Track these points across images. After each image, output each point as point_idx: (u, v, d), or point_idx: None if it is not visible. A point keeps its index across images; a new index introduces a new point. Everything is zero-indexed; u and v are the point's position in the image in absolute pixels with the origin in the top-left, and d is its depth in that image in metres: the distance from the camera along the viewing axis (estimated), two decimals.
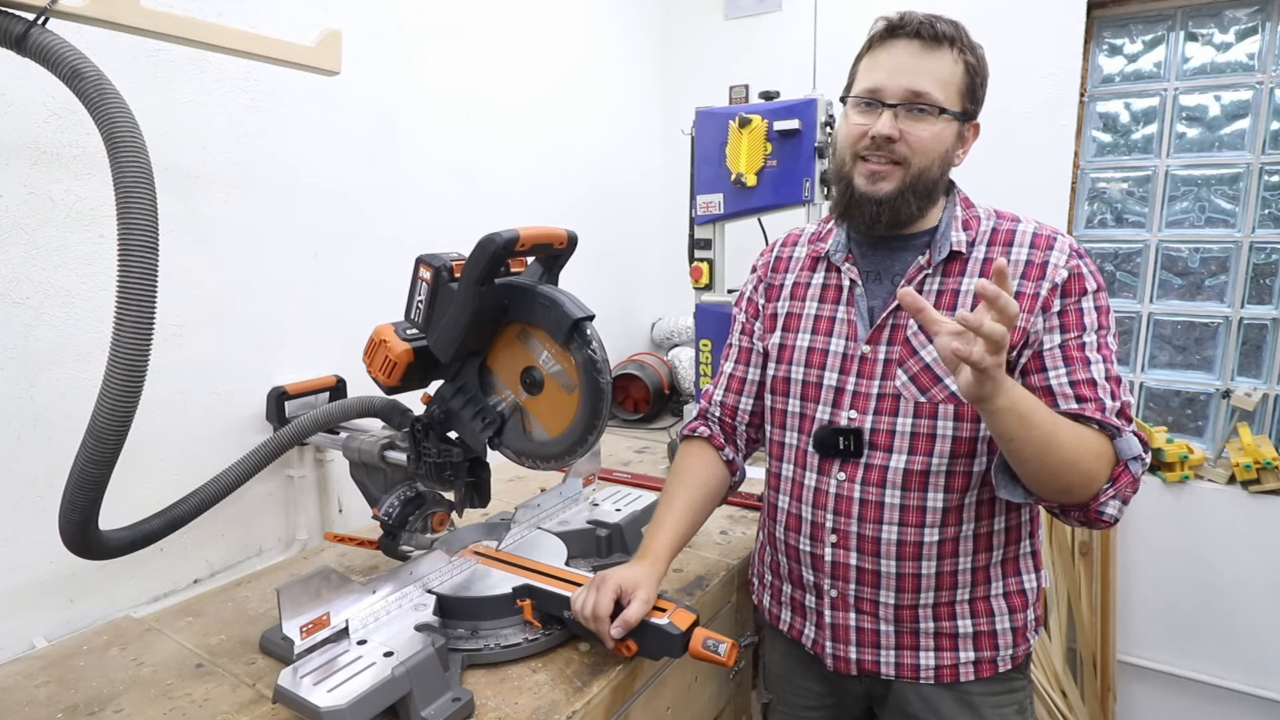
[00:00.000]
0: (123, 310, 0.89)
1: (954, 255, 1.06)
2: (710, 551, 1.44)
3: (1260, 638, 2.16)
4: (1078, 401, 0.98)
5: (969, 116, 1.06)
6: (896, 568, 1.07)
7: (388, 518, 1.24)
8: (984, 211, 1.10)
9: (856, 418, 1.08)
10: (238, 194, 1.41)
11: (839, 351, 1.12)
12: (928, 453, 1.05)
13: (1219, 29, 2.15)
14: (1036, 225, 1.07)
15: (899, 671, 1.11)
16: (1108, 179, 2.34)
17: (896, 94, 1.01)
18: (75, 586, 1.23)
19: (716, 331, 2.12)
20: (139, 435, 0.99)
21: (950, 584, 1.08)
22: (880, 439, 1.07)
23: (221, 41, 1.12)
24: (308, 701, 0.86)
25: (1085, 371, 0.99)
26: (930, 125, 1.01)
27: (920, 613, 1.09)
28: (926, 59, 1.01)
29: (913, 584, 1.08)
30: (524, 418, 1.13)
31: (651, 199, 2.82)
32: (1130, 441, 0.97)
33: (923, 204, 1.06)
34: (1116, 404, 0.98)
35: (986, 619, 1.10)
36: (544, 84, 2.23)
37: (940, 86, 1.01)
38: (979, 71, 1.05)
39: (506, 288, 1.07)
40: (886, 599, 1.09)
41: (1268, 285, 2.18)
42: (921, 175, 1.03)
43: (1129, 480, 0.97)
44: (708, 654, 0.99)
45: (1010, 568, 1.11)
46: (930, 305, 0.86)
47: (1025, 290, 1.02)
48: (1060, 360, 1.00)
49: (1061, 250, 1.03)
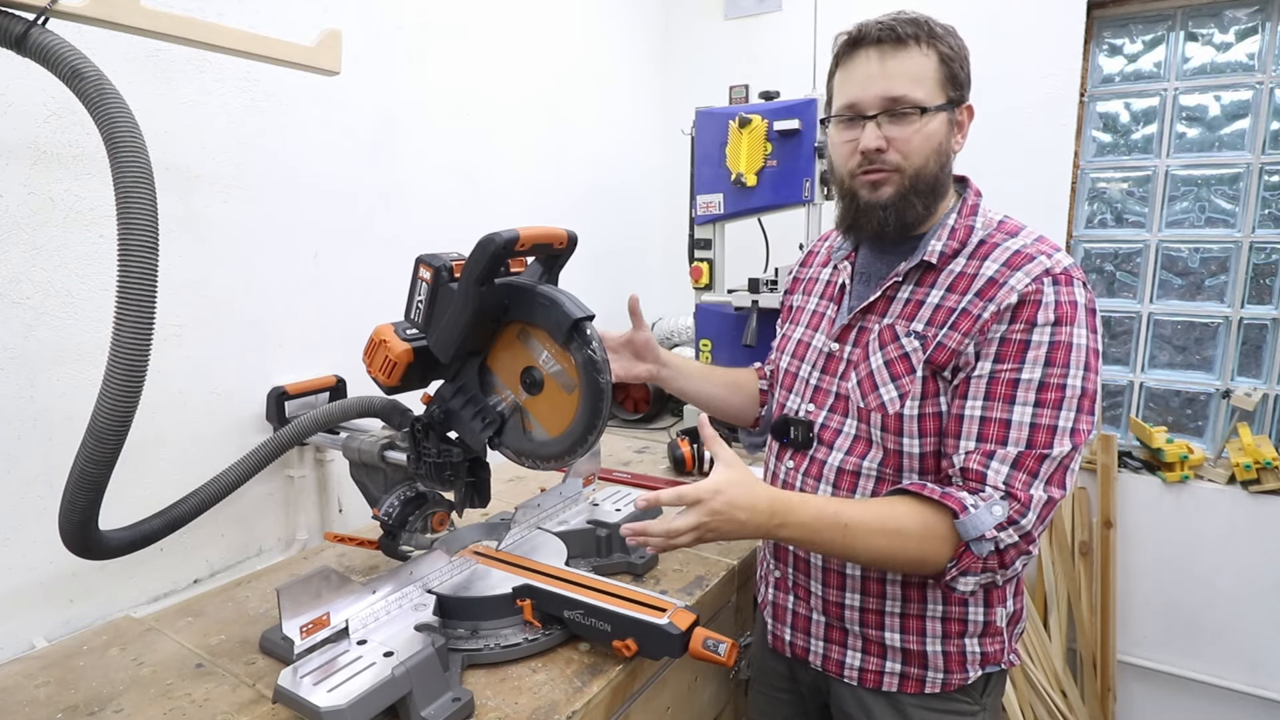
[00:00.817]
0: (123, 310, 0.89)
1: (927, 265, 1.04)
2: (710, 551, 1.44)
3: (1260, 638, 2.16)
4: (977, 440, 0.95)
5: (957, 102, 1.03)
6: (823, 561, 1.11)
7: (388, 518, 1.24)
8: (983, 221, 1.06)
9: (813, 411, 1.13)
10: (238, 194, 1.41)
11: (818, 347, 1.15)
12: (862, 455, 1.07)
13: (1219, 29, 2.15)
14: (1024, 244, 1.00)
15: (825, 665, 1.13)
16: (1108, 179, 2.34)
17: (874, 104, 1.00)
18: (75, 586, 1.23)
19: (716, 331, 2.12)
20: (139, 435, 0.99)
21: (878, 592, 1.07)
22: (827, 435, 1.11)
23: (221, 41, 1.12)
24: (308, 701, 0.86)
25: (1004, 410, 0.94)
26: (915, 126, 1.00)
27: (847, 613, 1.10)
28: (895, 61, 0.99)
29: (837, 581, 1.10)
30: (524, 418, 1.13)
31: (651, 199, 2.82)
32: (975, 521, 0.91)
33: (928, 202, 1.04)
34: (1014, 452, 0.92)
35: (916, 636, 1.07)
36: (544, 84, 2.23)
37: (916, 85, 0.99)
38: (956, 55, 1.02)
39: (506, 288, 1.07)
40: (815, 589, 1.13)
41: (1268, 285, 2.18)
42: (920, 175, 1.02)
43: (974, 560, 0.93)
44: (708, 654, 0.99)
45: (954, 595, 1.05)
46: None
47: (971, 309, 0.98)
48: (982, 392, 0.96)
49: (1028, 273, 0.95)
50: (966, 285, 1.00)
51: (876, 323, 1.07)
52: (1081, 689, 2.33)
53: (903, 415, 1.02)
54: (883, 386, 1.03)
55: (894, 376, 1.03)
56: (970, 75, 1.05)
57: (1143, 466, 2.30)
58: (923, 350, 1.01)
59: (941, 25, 1.02)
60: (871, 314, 1.08)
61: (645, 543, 0.99)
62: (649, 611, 1.03)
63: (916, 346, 1.02)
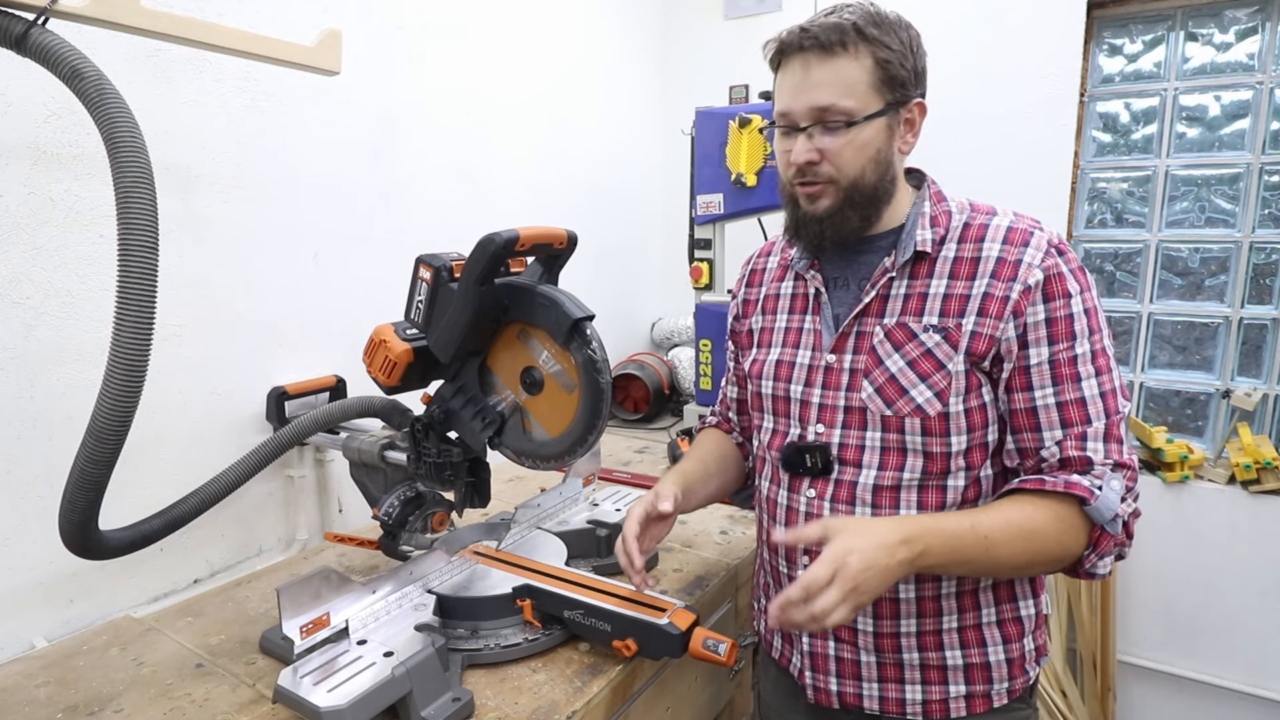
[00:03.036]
0: (123, 310, 0.89)
1: (921, 255, 1.00)
2: (710, 551, 1.44)
3: (1260, 638, 2.16)
4: (1062, 426, 0.92)
5: (899, 103, 0.97)
6: None
7: (388, 518, 1.24)
8: (956, 205, 1.03)
9: (824, 432, 1.03)
10: (238, 194, 1.41)
11: (805, 363, 1.07)
12: (899, 467, 0.99)
13: (1219, 29, 2.15)
14: (1013, 218, 0.99)
15: (884, 706, 1.03)
16: (1108, 179, 2.34)
17: (803, 115, 0.96)
18: (75, 586, 1.23)
19: (716, 331, 2.12)
20: (139, 435, 0.99)
21: (933, 610, 1.00)
22: (849, 454, 1.01)
23: (221, 41, 1.12)
24: (308, 701, 0.86)
25: (1075, 389, 0.92)
26: (846, 137, 0.95)
27: (902, 642, 1.01)
28: (823, 69, 0.94)
29: (890, 609, 1.01)
30: (524, 418, 1.13)
31: (651, 199, 2.82)
32: (1106, 502, 0.89)
33: (867, 213, 1.00)
34: (1102, 426, 0.92)
35: (978, 649, 1.01)
36: (544, 84, 2.23)
37: (846, 93, 0.93)
38: (896, 53, 0.94)
39: (506, 288, 1.07)
40: (864, 626, 1.02)
41: (1268, 285, 2.18)
42: (856, 187, 0.97)
43: (1110, 540, 0.91)
44: (708, 654, 0.99)
45: (1003, 592, 1.02)
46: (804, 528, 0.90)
47: (994, 291, 0.94)
48: (1049, 378, 0.93)
49: (1037, 247, 0.95)
50: (971, 269, 0.96)
51: (875, 324, 1.01)
52: (1081, 689, 2.33)
53: (948, 414, 0.96)
54: (913, 389, 0.97)
55: (922, 376, 0.97)
56: (920, 68, 0.99)
57: (1143, 466, 2.30)
58: (947, 343, 0.96)
59: (881, 20, 0.94)
60: (866, 316, 1.02)
61: (797, 626, 0.84)
62: (649, 611, 1.03)
63: (939, 340, 0.96)
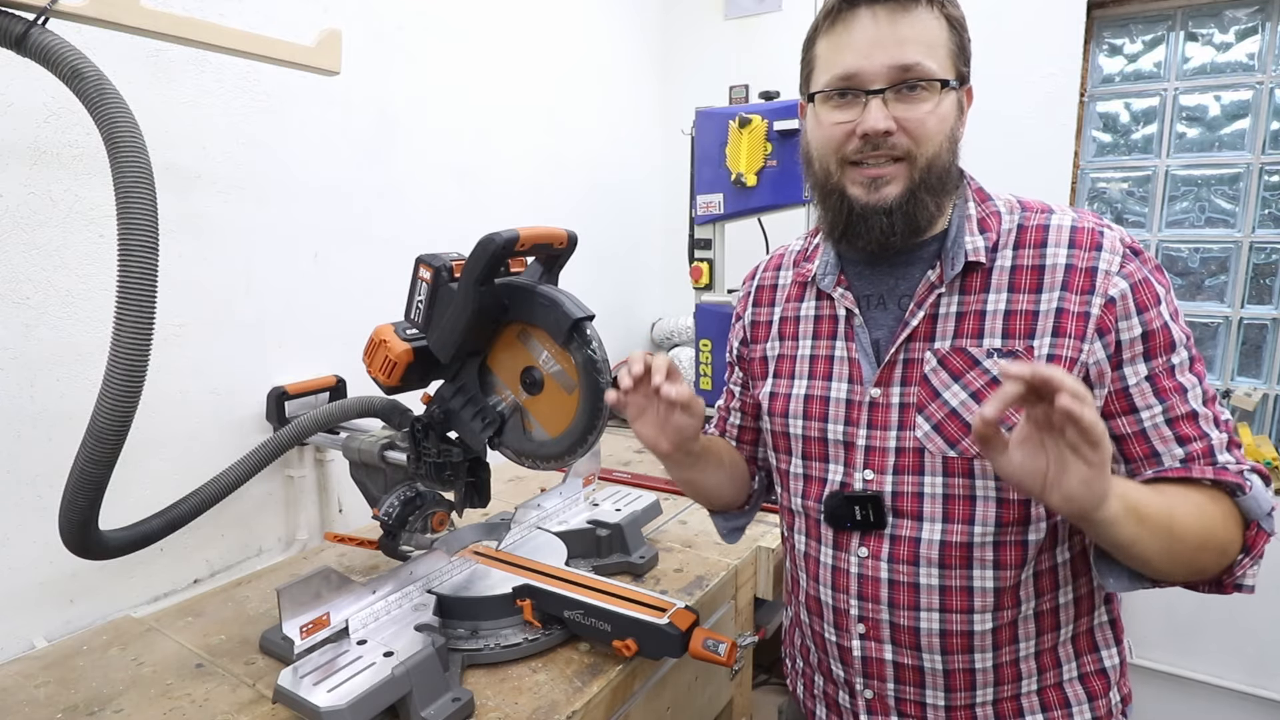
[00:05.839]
0: (123, 310, 0.89)
1: (973, 266, 0.84)
2: (710, 551, 1.44)
3: (1260, 638, 2.16)
4: (1180, 444, 0.79)
5: (965, 81, 0.85)
6: (943, 663, 0.86)
7: (388, 518, 1.24)
8: (1004, 203, 0.88)
9: (873, 479, 0.88)
10: (237, 194, 1.41)
11: (842, 398, 0.91)
12: (967, 520, 0.84)
13: (1219, 29, 2.15)
14: (1075, 216, 0.84)
15: None
16: (1108, 179, 2.34)
17: (880, 75, 0.80)
18: (75, 586, 1.23)
19: (716, 331, 2.12)
20: (139, 435, 0.99)
21: (1013, 676, 0.87)
22: (906, 505, 0.86)
23: (221, 41, 1.12)
24: (308, 701, 0.86)
25: (1183, 404, 0.79)
26: (930, 104, 0.81)
27: (978, 712, 0.88)
28: (905, 23, 0.80)
29: (965, 681, 0.87)
30: (524, 418, 1.13)
31: (651, 199, 2.82)
32: (1259, 495, 0.77)
33: (940, 200, 0.85)
34: (1224, 436, 0.80)
35: (1061, 710, 0.88)
36: (544, 84, 2.23)
37: (930, 53, 0.80)
38: (963, 24, 0.85)
39: (506, 288, 1.07)
40: (934, 700, 0.88)
41: (1268, 285, 2.18)
42: (932, 166, 0.82)
43: (1265, 539, 0.78)
44: (708, 654, 0.99)
45: (1084, 643, 0.89)
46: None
47: (1069, 307, 0.80)
48: (1152, 395, 0.80)
49: (1112, 250, 0.81)
50: (1035, 280, 0.82)
51: (925, 350, 0.86)
52: None
53: None
54: None
55: None
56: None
57: None
58: None
59: None
60: (913, 342, 0.87)
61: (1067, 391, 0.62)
62: (649, 611, 1.03)
63: None
